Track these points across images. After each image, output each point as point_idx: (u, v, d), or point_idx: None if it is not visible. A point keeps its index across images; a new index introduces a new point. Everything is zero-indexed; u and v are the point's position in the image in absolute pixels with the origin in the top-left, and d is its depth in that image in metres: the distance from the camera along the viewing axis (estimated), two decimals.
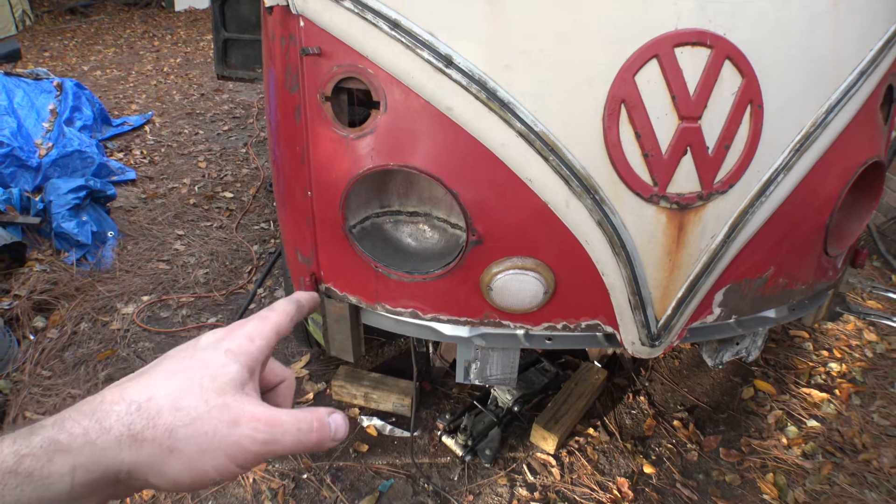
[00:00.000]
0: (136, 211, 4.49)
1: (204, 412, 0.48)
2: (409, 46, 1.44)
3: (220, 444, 0.48)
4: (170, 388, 0.49)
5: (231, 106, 6.94)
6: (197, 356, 0.53)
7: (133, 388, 0.49)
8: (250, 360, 0.54)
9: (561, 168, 1.45)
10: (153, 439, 0.46)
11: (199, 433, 0.48)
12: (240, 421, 0.49)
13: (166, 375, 0.50)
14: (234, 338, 0.55)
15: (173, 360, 0.53)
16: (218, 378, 0.51)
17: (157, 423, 0.47)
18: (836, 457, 2.53)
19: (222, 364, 0.52)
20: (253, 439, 0.49)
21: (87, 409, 0.47)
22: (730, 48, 1.38)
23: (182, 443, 0.47)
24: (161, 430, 0.47)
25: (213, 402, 0.49)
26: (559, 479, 2.44)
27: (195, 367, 0.51)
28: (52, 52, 9.60)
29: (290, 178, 1.78)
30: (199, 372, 0.51)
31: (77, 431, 0.45)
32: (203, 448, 0.47)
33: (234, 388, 0.51)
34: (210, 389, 0.50)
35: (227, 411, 0.49)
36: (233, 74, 4.22)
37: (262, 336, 0.57)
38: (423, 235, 1.78)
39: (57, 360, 3.03)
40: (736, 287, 1.70)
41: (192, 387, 0.49)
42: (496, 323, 1.74)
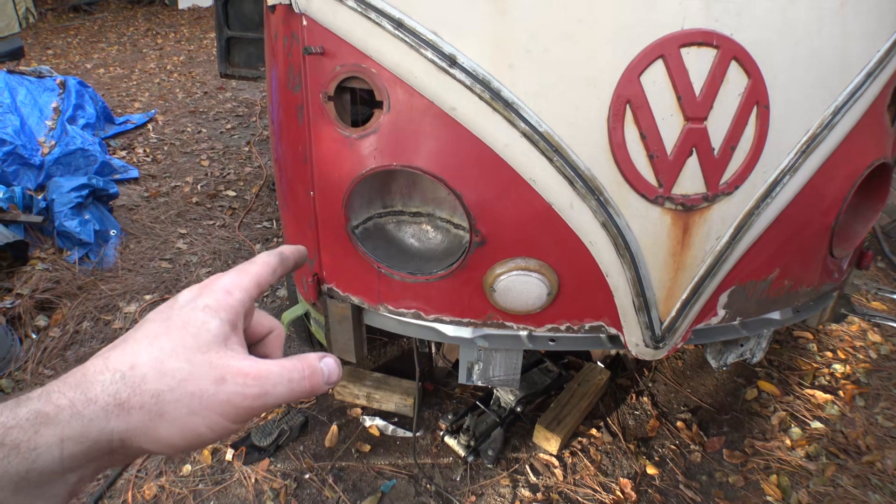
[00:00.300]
0: (139, 209, 4.49)
1: (189, 373, 0.47)
2: (413, 46, 1.43)
3: (210, 403, 0.47)
4: (152, 352, 0.48)
5: (234, 104, 6.94)
6: (175, 316, 0.51)
7: (116, 356, 0.48)
8: (230, 313, 0.52)
9: (565, 169, 1.44)
10: (140, 406, 0.46)
11: (187, 395, 0.47)
12: (226, 377, 0.48)
13: (148, 340, 0.49)
14: (211, 292, 0.53)
15: (153, 322, 0.51)
16: (199, 336, 0.49)
17: (142, 389, 0.46)
18: (840, 458, 2.52)
19: (202, 321, 0.50)
20: (243, 395, 0.48)
21: (72, 381, 0.46)
22: (736, 48, 1.37)
23: (171, 406, 0.46)
24: (147, 396, 0.46)
25: (197, 361, 0.48)
26: (562, 479, 2.44)
27: (175, 327, 0.50)
28: (55, 50, 9.61)
29: (292, 177, 1.77)
30: (179, 332, 0.49)
31: (63, 403, 0.44)
32: (193, 409, 0.47)
33: (217, 345, 0.50)
34: (192, 349, 0.49)
35: (213, 369, 0.48)
36: (236, 73, 4.22)
37: (240, 288, 0.55)
38: (426, 236, 1.77)
39: (59, 360, 3.03)
40: (741, 289, 1.69)
41: (174, 348, 0.48)
42: (499, 324, 1.73)
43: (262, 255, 0.60)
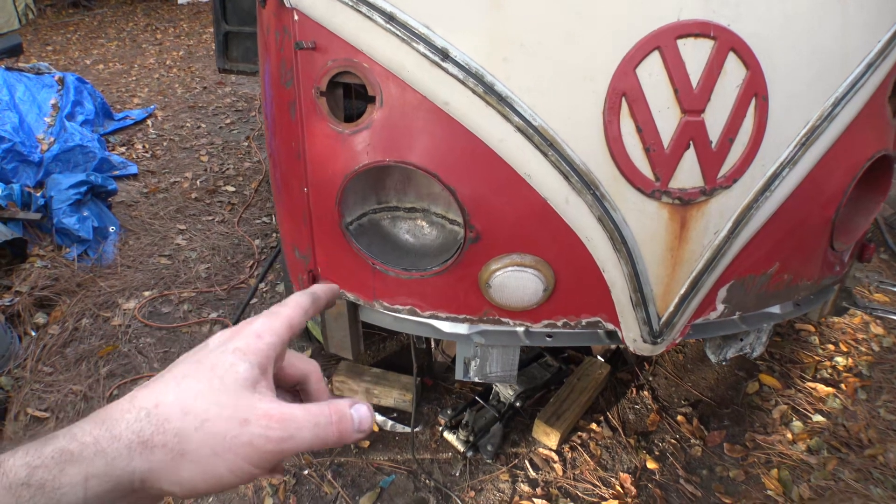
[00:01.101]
0: (138, 205, 4.48)
1: (214, 414, 0.47)
2: (405, 40, 1.41)
3: (232, 444, 0.47)
4: (179, 392, 0.48)
5: (233, 99, 6.92)
6: (205, 358, 0.51)
7: (142, 395, 0.48)
8: (260, 357, 0.52)
9: (560, 163, 1.42)
10: (163, 444, 0.46)
11: (210, 435, 0.46)
12: (250, 419, 0.47)
13: (176, 380, 0.50)
14: (242, 336, 0.53)
15: (183, 364, 0.52)
16: (226, 378, 0.49)
17: (166, 427, 0.46)
18: (842, 452, 2.51)
19: (230, 364, 0.50)
20: (266, 437, 0.47)
21: (97, 419, 0.46)
22: (734, 40, 1.35)
23: (193, 446, 0.46)
24: (171, 434, 0.46)
25: (223, 402, 0.48)
26: (561, 474, 2.43)
27: (204, 369, 0.50)
28: (54, 46, 9.60)
29: (286, 173, 1.76)
30: (207, 374, 0.50)
31: (87, 440, 0.44)
32: (215, 450, 0.46)
33: (244, 388, 0.49)
34: (219, 391, 0.48)
35: (238, 411, 0.48)
36: (234, 68, 4.20)
37: (271, 332, 0.55)
38: (420, 232, 1.75)
39: (58, 357, 3.03)
40: (740, 283, 1.67)
41: (201, 389, 0.48)
42: (495, 320, 1.72)
43: (294, 297, 0.60)
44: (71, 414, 2.70)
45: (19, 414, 2.69)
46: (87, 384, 2.86)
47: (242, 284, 3.61)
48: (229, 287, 3.57)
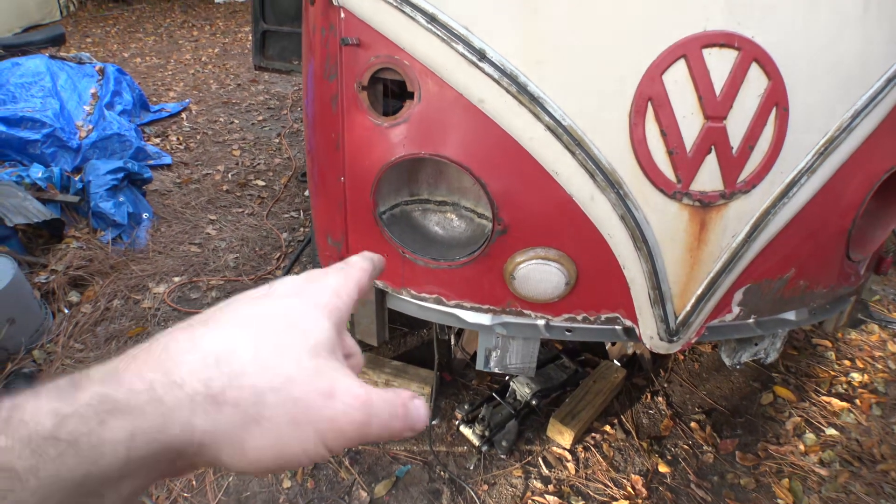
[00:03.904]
0: (171, 195, 4.60)
1: (296, 374, 0.39)
2: (445, 40, 1.48)
3: (314, 417, 0.38)
4: (252, 339, 0.39)
5: (266, 97, 7.05)
6: (278, 306, 0.43)
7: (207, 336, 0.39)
8: (338, 319, 0.45)
9: (587, 162, 1.49)
10: (236, 403, 0.37)
11: (291, 401, 0.38)
12: (335, 392, 0.39)
13: (244, 326, 0.41)
14: (321, 290, 0.46)
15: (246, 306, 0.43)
16: (308, 335, 0.41)
17: (241, 382, 0.37)
18: (854, 466, 2.52)
19: (314, 319, 0.43)
20: (350, 419, 0.39)
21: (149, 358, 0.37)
22: (757, 51, 1.41)
23: (271, 410, 0.37)
24: (247, 391, 0.37)
25: (306, 363, 0.40)
26: (574, 473, 2.47)
27: (280, 318, 0.42)
28: (94, 39, 9.81)
29: (324, 164, 1.84)
30: (283, 322, 0.42)
31: (138, 385, 0.35)
32: (295, 419, 0.38)
33: (326, 351, 0.42)
34: (301, 348, 0.40)
35: (321, 378, 0.39)
36: (270, 66, 4.30)
37: (347, 292, 0.47)
38: (450, 224, 1.82)
39: (89, 335, 3.13)
40: (756, 287, 1.72)
41: (279, 343, 0.40)
42: (518, 312, 1.78)
43: (357, 259, 0.52)
44: None
45: None
46: None
47: (269, 275, 3.70)
48: (256, 277, 3.67)
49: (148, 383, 0.35)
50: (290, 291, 0.45)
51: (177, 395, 0.35)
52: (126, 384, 0.35)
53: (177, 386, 0.36)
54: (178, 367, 0.37)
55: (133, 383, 0.35)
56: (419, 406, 0.43)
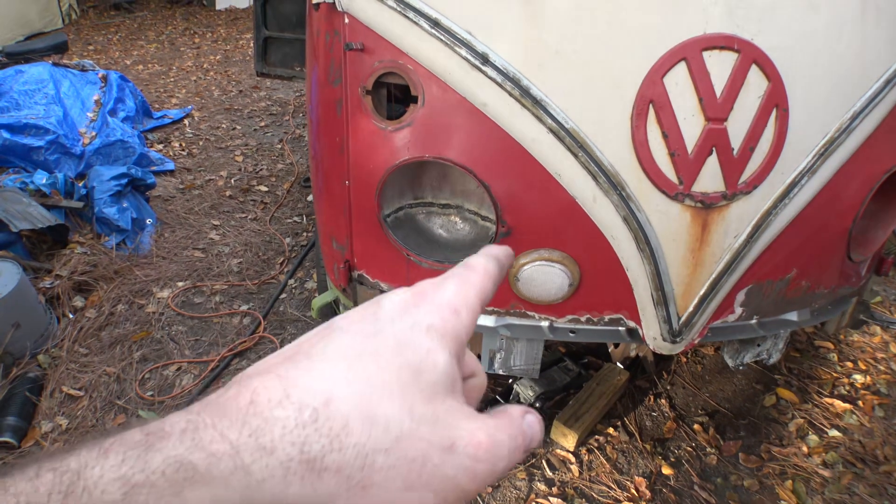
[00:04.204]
0: (174, 200, 4.61)
1: (409, 428, 0.32)
2: (448, 44, 1.50)
3: (431, 478, 0.32)
4: (355, 383, 0.32)
5: (268, 103, 7.07)
6: (387, 332, 0.35)
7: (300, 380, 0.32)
8: (458, 343, 0.37)
9: (589, 164, 1.50)
10: (339, 469, 0.30)
11: (404, 461, 0.32)
12: (456, 445, 0.33)
13: (346, 361, 0.34)
14: (435, 308, 0.37)
15: (348, 333, 0.36)
16: (423, 372, 0.34)
17: (344, 443, 0.31)
18: (857, 467, 2.53)
19: (427, 349, 0.35)
20: (472, 473, 0.33)
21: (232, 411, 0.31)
22: (757, 53, 1.42)
23: (380, 475, 0.31)
24: (351, 454, 0.31)
25: (421, 412, 0.33)
26: (578, 475, 2.47)
27: (386, 349, 0.34)
28: (96, 46, 9.85)
29: (328, 168, 1.86)
30: (393, 358, 0.34)
31: (220, 449, 0.30)
32: (410, 484, 0.32)
33: (444, 390, 0.35)
34: (414, 390, 0.33)
35: (440, 429, 0.33)
36: (272, 72, 4.32)
37: (468, 307, 0.38)
38: (454, 227, 1.84)
39: (94, 339, 3.15)
40: (758, 287, 1.73)
41: (387, 383, 0.33)
42: (522, 313, 1.79)
43: (478, 260, 0.42)
44: (104, 394, 2.81)
45: (54, 391, 2.81)
46: (121, 367, 2.97)
47: (272, 280, 3.72)
48: (260, 282, 3.68)
49: (232, 447, 0.30)
50: (398, 312, 0.37)
51: (267, 462, 0.30)
52: (206, 446, 0.30)
53: (267, 452, 0.30)
54: (268, 427, 0.30)
55: (215, 446, 0.30)
56: (533, 423, 0.37)
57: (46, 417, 2.67)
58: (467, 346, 0.41)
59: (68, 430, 2.62)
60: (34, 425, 2.62)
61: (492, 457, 0.33)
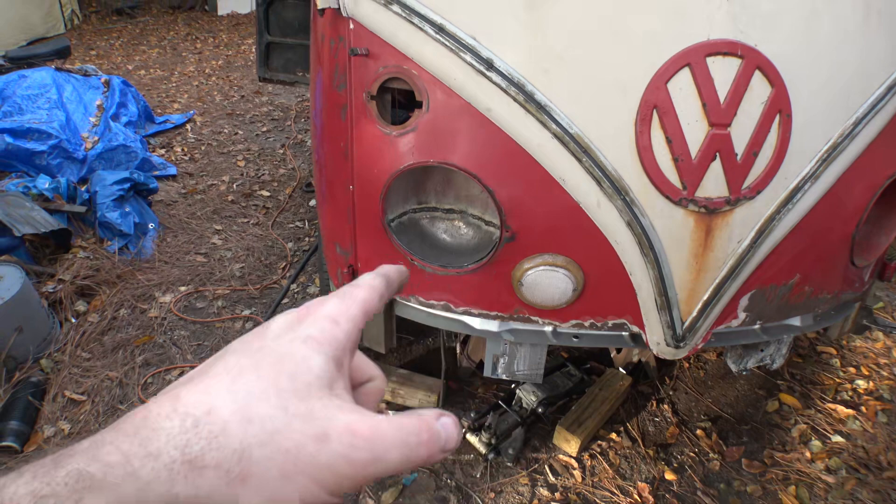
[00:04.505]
0: (177, 205, 4.62)
1: (283, 424, 0.36)
2: (453, 49, 1.51)
3: (307, 466, 0.36)
4: (236, 393, 0.37)
5: (270, 108, 7.09)
6: (268, 348, 0.41)
7: (188, 395, 0.37)
8: (337, 349, 0.42)
9: (593, 169, 1.51)
10: (217, 465, 0.35)
11: (280, 452, 0.36)
12: (330, 434, 0.37)
13: (230, 376, 0.39)
14: (314, 320, 0.43)
15: (237, 354, 0.41)
16: (298, 376, 0.39)
17: (222, 443, 0.35)
18: (861, 473, 2.52)
19: (302, 356, 0.40)
20: (348, 460, 0.36)
21: (128, 429, 0.36)
22: (760, 59, 1.43)
23: (258, 467, 0.35)
24: (228, 451, 0.35)
25: (295, 409, 0.37)
26: (580, 481, 2.47)
27: (267, 362, 0.39)
28: (98, 51, 9.88)
29: (332, 173, 1.86)
30: (272, 369, 0.39)
31: (114, 459, 0.34)
32: (286, 472, 0.36)
33: (320, 389, 0.39)
34: (289, 392, 0.38)
35: (314, 421, 0.37)
36: (274, 77, 4.34)
37: (348, 318, 0.44)
38: (457, 232, 1.84)
39: (96, 343, 3.15)
40: (761, 292, 1.73)
41: (265, 390, 0.38)
42: (525, 318, 1.79)
43: (365, 278, 0.49)
44: (106, 398, 2.81)
45: (57, 395, 2.81)
46: (123, 371, 2.97)
47: (275, 284, 3.72)
48: (262, 286, 3.68)
49: (124, 457, 0.34)
50: (283, 329, 0.43)
51: (153, 466, 0.34)
52: (102, 459, 0.34)
53: (152, 457, 0.34)
54: (155, 436, 0.35)
55: (109, 457, 0.34)
56: (448, 424, 0.40)
57: (49, 422, 2.67)
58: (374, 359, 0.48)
59: (70, 434, 2.62)
60: (37, 430, 2.62)
61: (371, 445, 0.37)
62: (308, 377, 0.39)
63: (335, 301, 0.45)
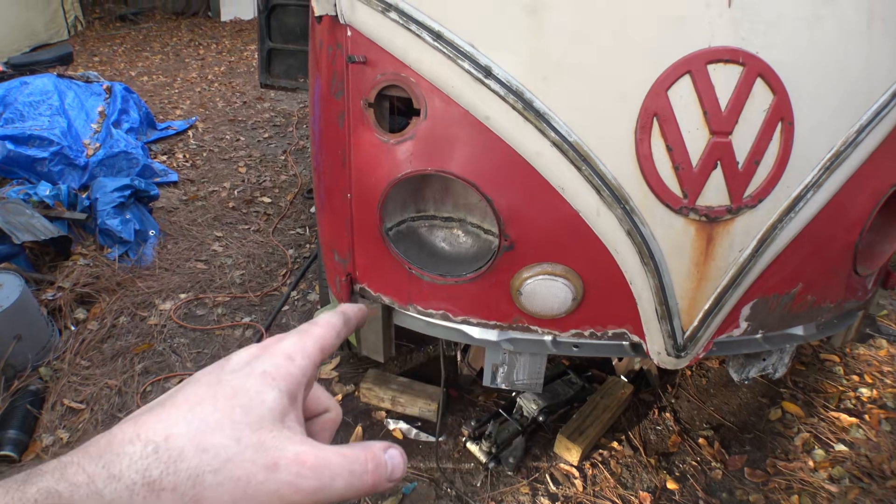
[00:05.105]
0: (177, 212, 4.62)
1: (235, 454, 0.40)
2: (451, 57, 1.49)
3: (256, 493, 0.40)
4: (193, 422, 0.41)
5: (272, 114, 7.09)
6: (226, 381, 0.44)
7: (149, 423, 0.41)
8: (291, 383, 0.45)
9: (593, 178, 1.49)
10: (174, 488, 0.38)
11: (231, 479, 0.39)
12: (279, 464, 0.41)
13: (189, 406, 0.42)
14: (271, 357, 0.47)
15: (197, 385, 0.45)
16: (252, 409, 0.42)
17: (178, 468, 0.39)
18: (864, 482, 2.50)
19: (256, 391, 0.43)
20: (295, 487, 0.40)
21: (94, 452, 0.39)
22: (762, 66, 1.41)
23: (210, 492, 0.39)
24: (183, 476, 0.39)
25: (247, 440, 0.41)
26: (582, 490, 2.46)
27: (223, 394, 0.43)
28: (101, 57, 9.90)
29: (330, 181, 1.85)
30: (228, 401, 0.43)
31: (80, 480, 0.38)
32: (236, 498, 0.39)
33: (271, 422, 0.43)
34: (242, 424, 0.41)
35: (264, 452, 0.41)
36: (276, 83, 4.34)
37: (304, 354, 0.48)
38: (456, 240, 1.83)
39: (96, 351, 3.14)
40: (763, 301, 1.72)
41: (220, 421, 0.41)
42: (525, 328, 1.78)
43: (324, 316, 0.53)
44: (105, 407, 2.80)
45: (56, 404, 2.80)
46: (122, 379, 2.96)
47: (275, 292, 3.71)
48: (262, 294, 3.68)
49: (89, 477, 0.38)
50: (242, 364, 0.46)
51: (115, 487, 0.38)
52: (69, 479, 0.38)
53: (115, 479, 0.38)
54: (118, 460, 0.38)
55: (75, 477, 0.38)
56: (394, 456, 0.45)
57: (47, 430, 2.66)
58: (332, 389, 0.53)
59: (69, 443, 2.61)
60: (35, 438, 2.61)
61: (317, 474, 0.41)
62: (261, 410, 0.43)
63: (293, 338, 0.49)
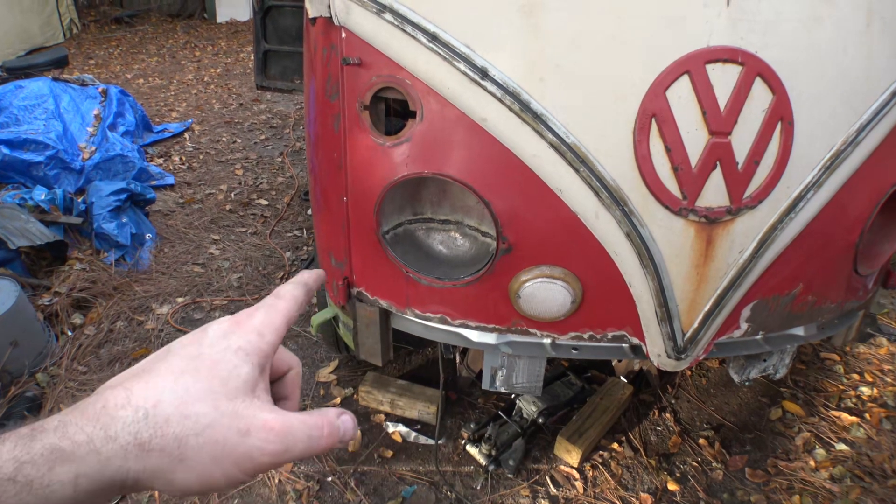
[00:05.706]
0: (174, 215, 4.60)
1: (214, 420, 0.47)
2: (447, 58, 1.48)
3: (231, 453, 0.47)
4: (177, 391, 0.47)
5: (268, 116, 7.07)
6: (205, 354, 0.51)
7: (139, 390, 0.47)
8: (261, 357, 0.52)
9: (591, 179, 1.48)
10: (161, 449, 0.45)
11: (210, 442, 0.47)
12: (251, 430, 0.48)
13: (174, 376, 0.49)
14: (244, 333, 0.53)
15: (178, 357, 0.51)
16: (229, 381, 0.49)
17: (165, 431, 0.46)
18: (865, 481, 2.49)
19: (233, 365, 0.50)
20: (262, 450, 0.48)
21: (91, 414, 0.45)
22: (761, 66, 1.40)
23: (192, 452, 0.46)
24: (170, 438, 0.46)
25: (224, 408, 0.48)
26: (582, 492, 2.45)
27: (203, 367, 0.49)
28: (97, 60, 9.88)
29: (326, 184, 1.83)
30: (207, 373, 0.49)
31: (80, 439, 0.43)
32: (214, 457, 0.47)
33: (244, 393, 0.49)
34: (220, 394, 0.48)
35: (238, 419, 0.48)
36: (272, 85, 4.32)
37: (272, 329, 0.54)
38: (454, 243, 1.81)
39: (93, 357, 3.12)
40: (764, 303, 1.70)
41: (201, 391, 0.48)
42: (523, 331, 1.76)
43: (287, 289, 0.58)
44: None
45: (53, 410, 2.78)
46: None
47: None
48: (260, 297, 3.65)
49: (88, 437, 0.44)
50: (218, 338, 0.52)
51: (111, 447, 0.44)
52: (70, 437, 0.43)
53: (111, 440, 0.44)
54: (113, 423, 0.45)
55: (76, 437, 0.43)
56: (346, 421, 0.52)
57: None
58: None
59: None
60: None
61: (282, 438, 0.48)
62: (237, 382, 0.49)
63: (262, 314, 0.55)
